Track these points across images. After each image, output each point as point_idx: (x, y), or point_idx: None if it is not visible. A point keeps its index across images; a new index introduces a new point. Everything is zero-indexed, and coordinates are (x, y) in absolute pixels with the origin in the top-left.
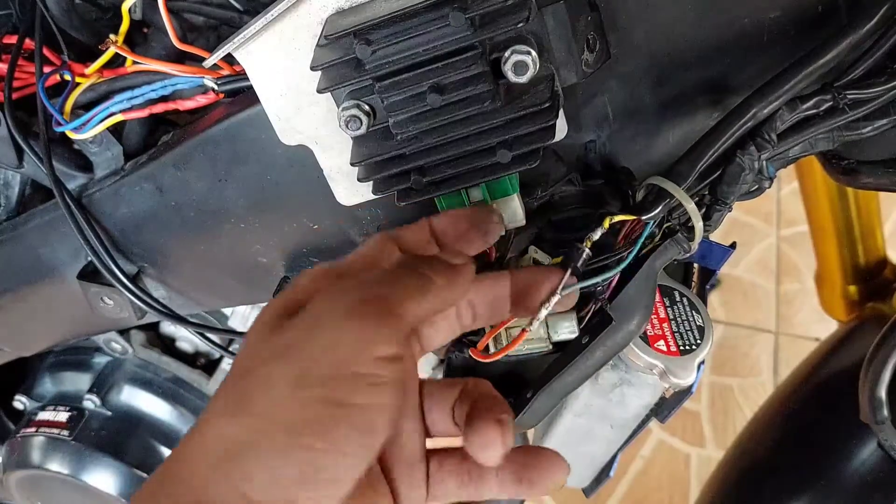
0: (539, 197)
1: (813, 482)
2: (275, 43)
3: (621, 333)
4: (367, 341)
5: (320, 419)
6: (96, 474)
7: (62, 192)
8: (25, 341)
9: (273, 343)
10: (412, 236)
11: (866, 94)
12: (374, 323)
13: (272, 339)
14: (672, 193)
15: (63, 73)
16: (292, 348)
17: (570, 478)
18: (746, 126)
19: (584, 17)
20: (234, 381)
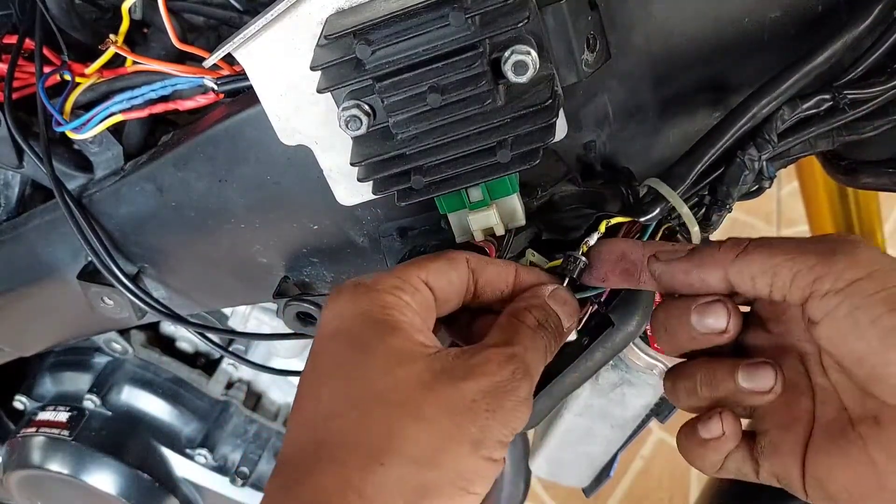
0: (539, 197)
1: None
2: (275, 43)
3: (621, 335)
4: (521, 423)
5: (484, 473)
6: (96, 474)
7: (62, 192)
8: (25, 341)
9: (447, 395)
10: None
11: (866, 93)
12: (528, 411)
13: (443, 388)
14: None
15: (63, 73)
16: (473, 415)
17: (570, 477)
18: (746, 127)
19: (584, 17)
20: (403, 419)
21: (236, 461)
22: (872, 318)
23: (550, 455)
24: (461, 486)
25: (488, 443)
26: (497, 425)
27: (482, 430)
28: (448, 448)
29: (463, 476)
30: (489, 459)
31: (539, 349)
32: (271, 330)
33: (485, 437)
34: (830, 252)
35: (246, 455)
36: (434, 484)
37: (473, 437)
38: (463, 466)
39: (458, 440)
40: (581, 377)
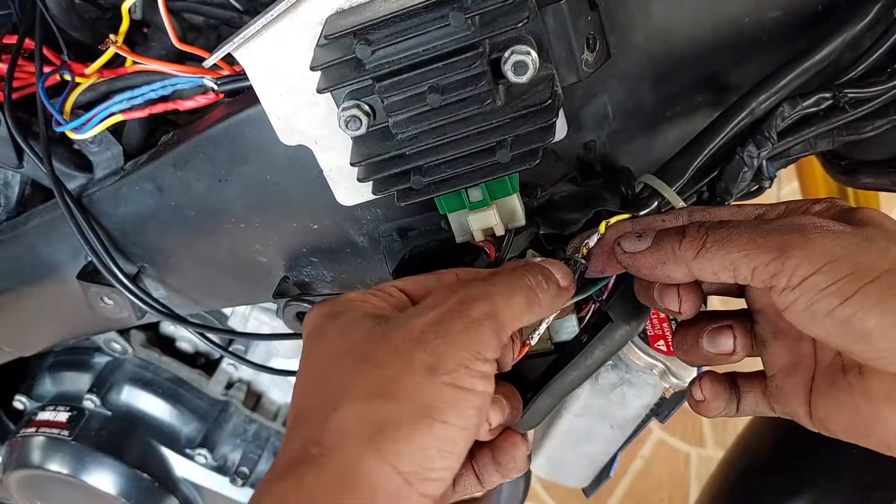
0: (539, 197)
1: (813, 481)
2: (275, 43)
3: (620, 332)
4: (484, 345)
5: (451, 400)
6: (96, 474)
7: (62, 192)
8: (25, 341)
9: (395, 336)
10: None
11: (867, 93)
12: (491, 333)
13: (391, 332)
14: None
15: (63, 73)
16: (422, 343)
17: (570, 477)
18: (743, 122)
19: (584, 17)
20: (353, 369)
21: (236, 461)
22: (827, 312)
23: (550, 455)
24: (425, 414)
25: (446, 366)
26: (451, 348)
27: (434, 355)
28: (401, 379)
29: (425, 404)
30: (453, 385)
31: (513, 283)
32: (271, 330)
33: (439, 361)
34: (783, 247)
35: (246, 455)
36: (392, 416)
37: (426, 362)
38: (422, 394)
39: (410, 370)
40: (581, 375)
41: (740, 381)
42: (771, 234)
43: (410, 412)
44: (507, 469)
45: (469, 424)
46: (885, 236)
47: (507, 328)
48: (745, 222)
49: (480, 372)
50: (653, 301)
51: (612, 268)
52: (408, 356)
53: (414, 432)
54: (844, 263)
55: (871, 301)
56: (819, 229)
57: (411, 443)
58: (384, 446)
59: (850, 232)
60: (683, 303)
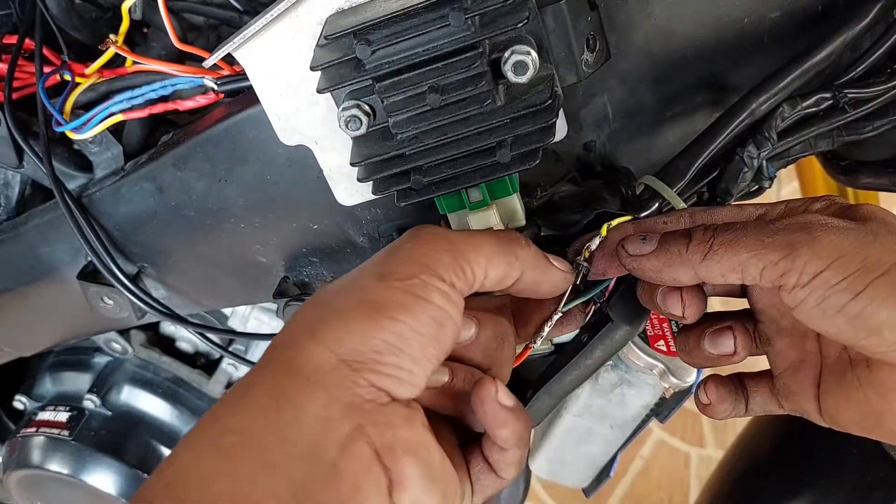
0: (539, 197)
1: (813, 482)
2: (275, 43)
3: (620, 332)
4: (437, 262)
5: (403, 301)
6: (96, 474)
7: (62, 192)
8: (25, 341)
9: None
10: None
11: (866, 93)
12: (446, 255)
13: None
14: (663, 195)
15: (63, 73)
16: (373, 260)
17: (570, 477)
18: (743, 123)
19: (584, 17)
20: (320, 288)
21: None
22: (838, 308)
23: (550, 455)
24: (372, 308)
25: (396, 274)
26: (401, 261)
27: (384, 266)
28: (353, 283)
29: (373, 300)
30: (405, 290)
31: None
32: (271, 330)
33: (388, 270)
34: (792, 245)
35: None
36: (337, 308)
37: (376, 271)
38: (371, 293)
39: (361, 276)
40: (581, 375)
41: (748, 381)
42: (777, 233)
43: (356, 305)
44: (499, 463)
45: (424, 330)
46: (888, 230)
47: (470, 259)
48: (750, 223)
49: (437, 287)
50: (656, 305)
51: (614, 270)
52: (359, 269)
53: (356, 321)
54: (853, 259)
55: (883, 294)
56: (824, 226)
57: (352, 330)
58: (326, 334)
59: (854, 228)
60: (687, 307)
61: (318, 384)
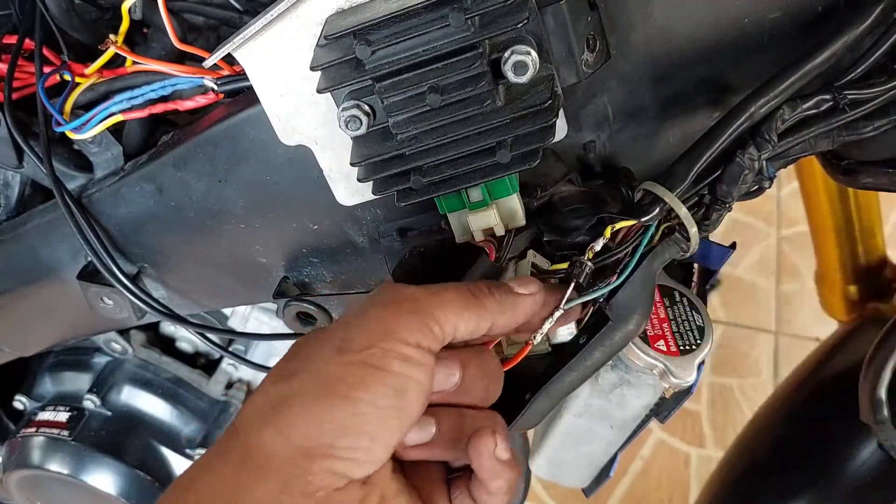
0: (539, 197)
1: (813, 482)
2: (275, 43)
3: (620, 333)
4: (401, 325)
5: (359, 376)
6: (96, 474)
7: (62, 192)
8: (25, 341)
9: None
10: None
11: (866, 93)
12: (412, 316)
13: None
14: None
15: (63, 73)
16: (336, 328)
17: (570, 478)
18: (743, 126)
19: (584, 17)
20: (283, 359)
21: None
22: None
23: (550, 455)
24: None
25: (353, 346)
26: (361, 330)
27: (344, 338)
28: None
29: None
30: (361, 363)
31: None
32: (271, 330)
33: (346, 342)
34: None
35: None
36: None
37: (335, 344)
38: (326, 371)
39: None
40: (580, 376)
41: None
42: None
43: (311, 388)
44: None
45: (382, 402)
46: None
47: (439, 317)
48: None
49: (397, 352)
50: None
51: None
52: (322, 340)
53: (310, 407)
54: None
55: None
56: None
57: (306, 417)
58: (280, 420)
59: None
60: None
61: (272, 473)
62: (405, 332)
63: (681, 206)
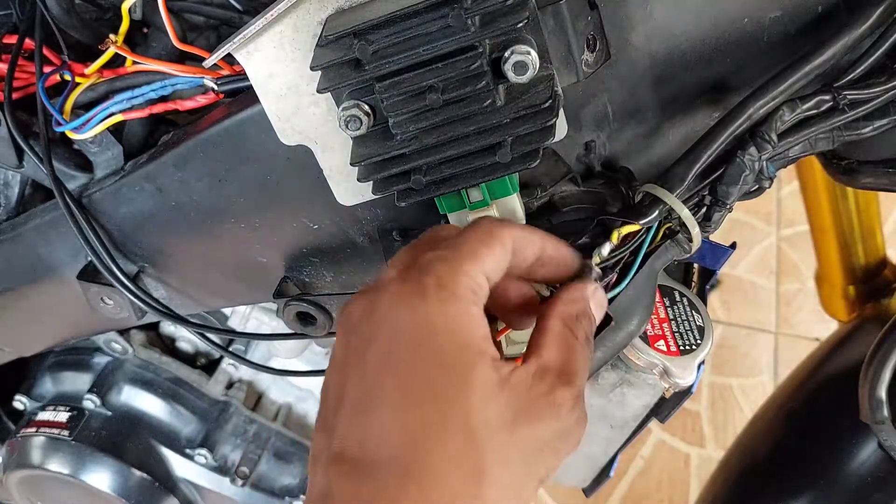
0: (539, 197)
1: (813, 482)
2: (275, 43)
3: (621, 334)
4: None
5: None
6: (96, 474)
7: (62, 192)
8: (25, 341)
9: (530, 436)
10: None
11: (866, 94)
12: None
13: (523, 428)
14: (665, 202)
15: (63, 73)
16: (546, 454)
17: (570, 478)
18: (743, 127)
19: (584, 17)
20: (496, 464)
21: (236, 461)
22: None
23: None
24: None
25: (548, 477)
26: (557, 462)
27: (548, 470)
28: (522, 491)
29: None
30: (542, 482)
31: (587, 366)
32: (271, 330)
33: (548, 475)
34: None
35: (246, 455)
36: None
37: (541, 476)
38: (528, 497)
39: (530, 482)
40: None
41: None
42: None
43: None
44: None
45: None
46: None
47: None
48: None
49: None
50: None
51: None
52: (531, 471)
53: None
54: None
55: None
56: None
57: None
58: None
59: None
60: None
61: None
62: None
63: (682, 207)
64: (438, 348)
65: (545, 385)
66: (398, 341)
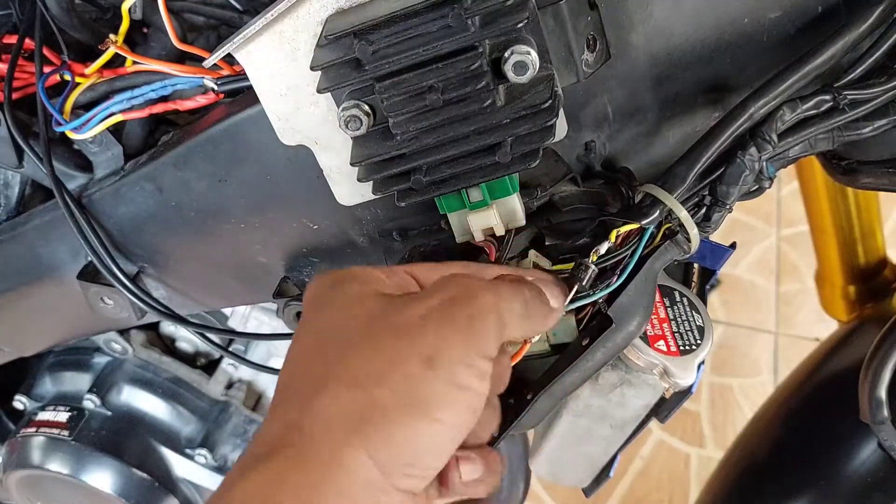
0: (539, 197)
1: (813, 482)
2: (275, 43)
3: (621, 335)
4: (486, 340)
5: (447, 396)
6: (96, 474)
7: (62, 192)
8: (25, 341)
9: (395, 319)
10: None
11: (866, 94)
12: (493, 329)
13: (392, 314)
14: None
15: (63, 73)
16: (422, 330)
17: (570, 478)
18: (743, 127)
19: (584, 17)
20: (348, 349)
21: (236, 461)
22: None
23: (550, 455)
24: (416, 409)
25: (444, 362)
26: (452, 341)
27: (433, 346)
28: (396, 367)
29: (417, 398)
30: (450, 382)
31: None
32: (271, 330)
33: (437, 354)
34: None
35: None
36: (380, 406)
37: (424, 353)
38: (416, 388)
39: (406, 359)
40: (581, 377)
41: None
42: None
43: (401, 404)
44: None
45: (461, 423)
46: None
47: (508, 329)
48: None
49: (479, 370)
50: None
51: None
52: (407, 342)
53: (401, 426)
54: None
55: None
56: None
57: (396, 436)
58: (368, 436)
59: None
60: None
61: (348, 495)
62: (488, 346)
63: (681, 208)
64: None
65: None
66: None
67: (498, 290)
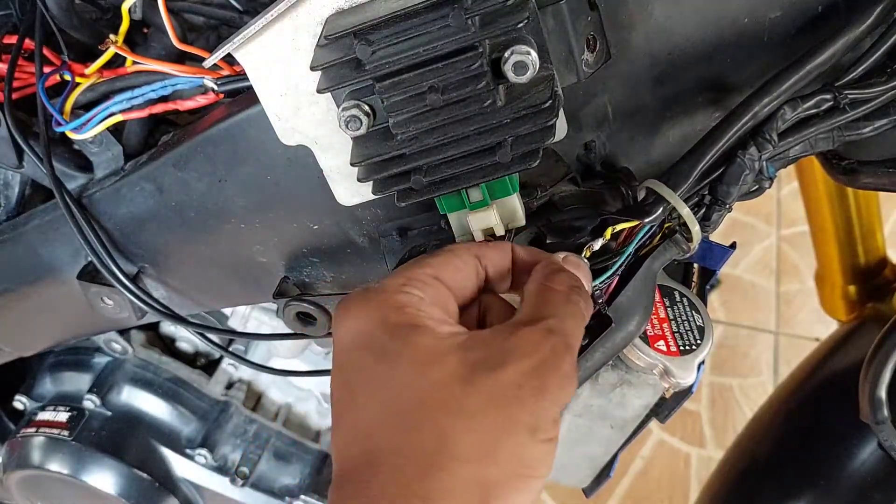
0: (539, 197)
1: (813, 482)
2: (275, 43)
3: (621, 335)
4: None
5: (546, 456)
6: (96, 474)
7: (62, 192)
8: (25, 341)
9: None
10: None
11: (866, 93)
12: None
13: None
14: (667, 199)
15: (63, 73)
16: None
17: (570, 478)
18: (746, 126)
19: (584, 17)
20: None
21: (236, 461)
22: None
23: None
24: (526, 474)
25: (545, 425)
26: (549, 405)
27: (534, 415)
28: (504, 441)
29: (525, 464)
30: (547, 441)
31: (577, 315)
32: (271, 330)
33: (540, 422)
34: None
35: (246, 455)
36: (498, 478)
37: (528, 424)
38: (523, 454)
39: (512, 431)
40: (581, 377)
41: None
42: None
43: (513, 473)
44: None
45: (550, 471)
46: None
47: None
48: None
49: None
50: None
51: None
52: (507, 413)
53: (515, 491)
54: None
55: None
56: None
57: (512, 501)
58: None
59: None
60: None
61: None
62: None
63: (683, 205)
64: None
65: (504, 335)
66: (341, 350)
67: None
